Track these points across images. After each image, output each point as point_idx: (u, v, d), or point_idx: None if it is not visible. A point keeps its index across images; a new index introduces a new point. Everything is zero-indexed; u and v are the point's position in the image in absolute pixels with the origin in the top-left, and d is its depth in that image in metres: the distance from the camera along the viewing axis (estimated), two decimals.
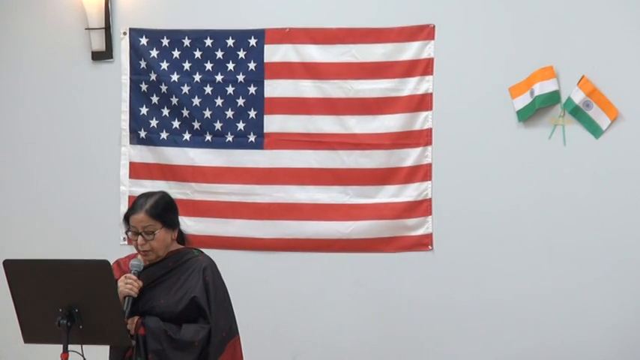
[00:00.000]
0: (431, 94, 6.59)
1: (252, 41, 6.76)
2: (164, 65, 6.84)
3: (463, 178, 6.57)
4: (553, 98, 6.39)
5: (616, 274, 6.36)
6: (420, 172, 6.62)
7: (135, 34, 6.89)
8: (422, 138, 6.62)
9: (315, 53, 6.72)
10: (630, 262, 6.34)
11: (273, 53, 6.76)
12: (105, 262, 4.30)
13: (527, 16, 6.47)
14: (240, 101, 6.78)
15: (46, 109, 7.04)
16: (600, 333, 6.37)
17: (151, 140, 6.88)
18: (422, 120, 6.62)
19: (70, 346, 4.31)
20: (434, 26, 6.59)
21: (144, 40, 6.87)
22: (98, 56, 6.95)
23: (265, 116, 6.77)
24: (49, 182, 7.02)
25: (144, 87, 6.88)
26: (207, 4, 6.87)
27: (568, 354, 6.39)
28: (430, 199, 6.61)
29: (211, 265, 4.70)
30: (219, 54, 6.80)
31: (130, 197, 6.75)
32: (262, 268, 6.77)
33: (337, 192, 6.71)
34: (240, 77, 6.78)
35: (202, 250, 4.85)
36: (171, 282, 4.62)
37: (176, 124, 6.85)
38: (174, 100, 6.83)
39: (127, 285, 4.50)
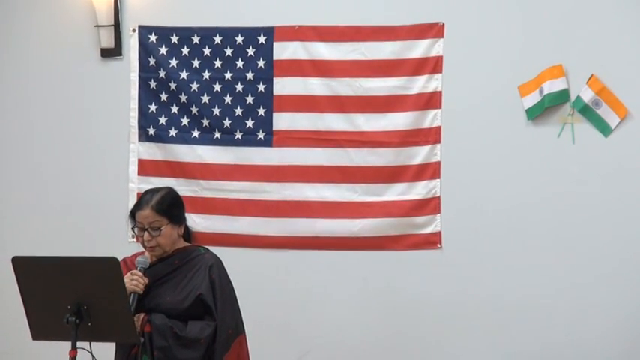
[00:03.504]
0: (440, 92, 6.59)
1: (262, 39, 6.77)
2: (173, 63, 6.84)
3: (472, 177, 6.56)
4: (562, 97, 6.38)
5: (624, 272, 6.36)
6: (429, 170, 6.62)
7: (144, 31, 6.90)
8: (431, 136, 6.61)
9: (324, 51, 6.72)
10: (638, 260, 6.33)
11: (283, 51, 6.76)
12: (113, 259, 4.30)
13: (536, 15, 6.46)
14: (249, 99, 6.79)
15: (55, 107, 7.05)
16: (608, 330, 6.37)
17: (160, 137, 6.89)
18: (431, 118, 6.61)
19: (79, 343, 4.32)
20: (443, 24, 6.59)
21: (153, 38, 6.88)
22: (107, 53, 6.96)
23: (274, 114, 6.77)
24: (57, 179, 7.03)
25: (153, 84, 6.89)
26: (217, 2, 6.88)
27: (576, 350, 6.39)
28: (439, 197, 6.61)
29: (217, 262, 4.70)
30: (229, 51, 6.80)
31: (138, 194, 6.71)
32: (270, 265, 6.77)
33: (346, 190, 6.71)
34: (250, 75, 6.78)
35: (211, 247, 4.85)
36: (177, 279, 4.63)
37: (185, 121, 6.86)
38: (183, 98, 6.83)
39: (133, 281, 4.51)
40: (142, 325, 4.50)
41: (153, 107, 6.90)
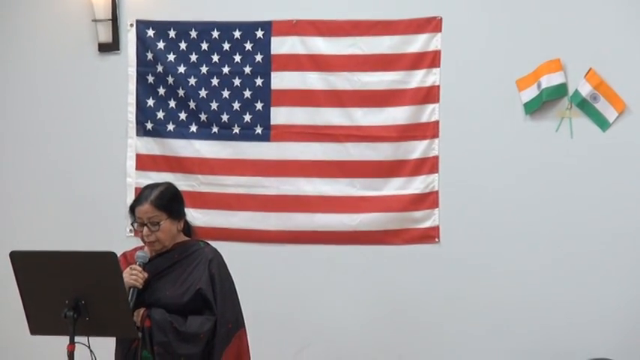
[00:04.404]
0: (438, 86, 6.59)
1: (259, 33, 6.76)
2: (171, 57, 6.84)
3: (470, 171, 6.56)
4: (560, 91, 6.38)
5: (622, 267, 6.36)
6: (427, 165, 6.62)
7: (142, 25, 6.89)
8: (429, 130, 6.61)
9: (322, 45, 6.71)
10: (637, 254, 6.33)
11: (280, 45, 6.76)
12: (111, 254, 4.30)
13: (534, 9, 6.46)
14: (247, 93, 6.78)
15: (53, 101, 7.04)
16: (605, 327, 6.37)
17: (158, 132, 6.88)
18: (429, 112, 6.61)
19: (77, 338, 4.32)
20: (441, 18, 6.59)
21: (151, 32, 6.87)
22: (105, 48, 6.95)
23: (272, 108, 6.77)
24: (55, 174, 7.03)
25: (150, 79, 6.88)
26: None
27: (573, 347, 6.38)
28: (437, 192, 6.61)
29: (217, 256, 4.71)
30: (226, 46, 6.80)
31: (136, 189, 6.74)
32: (268, 260, 6.77)
33: (344, 184, 6.71)
34: (247, 69, 6.77)
35: (209, 242, 4.86)
36: (176, 274, 4.63)
37: (183, 116, 6.85)
38: (181, 92, 6.83)
39: (132, 276, 4.51)
40: (141, 320, 4.51)
41: (150, 102, 6.89)
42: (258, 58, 6.76)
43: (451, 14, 6.57)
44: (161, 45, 6.85)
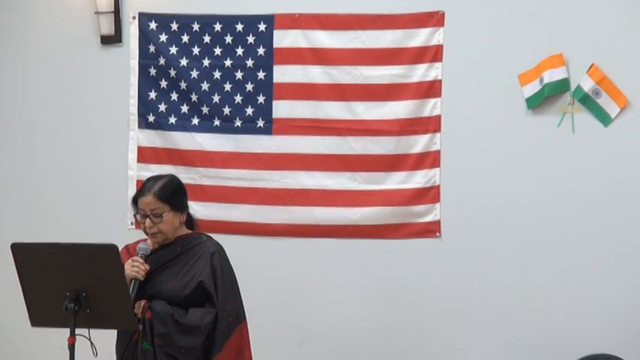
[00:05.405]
0: (440, 80, 6.58)
1: (262, 26, 6.76)
2: (173, 50, 6.83)
3: (471, 166, 6.56)
4: (562, 86, 6.38)
5: (623, 264, 6.36)
6: (429, 159, 6.62)
7: (144, 18, 6.89)
8: (430, 125, 6.61)
9: (324, 39, 6.71)
10: (638, 249, 6.33)
11: (283, 39, 6.75)
12: (112, 246, 4.31)
13: (537, 4, 6.45)
14: (249, 86, 6.78)
15: (55, 93, 7.04)
16: (606, 322, 6.38)
17: (160, 125, 6.88)
18: (431, 107, 6.61)
19: (77, 330, 4.32)
20: (443, 13, 6.58)
21: (153, 25, 6.87)
22: (107, 40, 6.95)
23: (274, 102, 6.76)
24: (57, 166, 7.03)
25: (153, 71, 6.88)
26: None
27: (573, 342, 6.39)
28: (438, 186, 6.61)
29: (219, 250, 4.71)
30: (229, 39, 6.79)
31: (137, 181, 6.75)
32: (269, 253, 6.78)
33: (345, 178, 6.71)
34: (249, 62, 6.77)
35: (210, 235, 4.86)
36: (178, 266, 4.64)
37: (185, 108, 6.85)
38: (183, 85, 6.82)
39: (134, 268, 4.52)
40: (142, 312, 4.52)
41: (152, 94, 6.89)
42: (261, 51, 6.76)
43: (454, 9, 6.56)
44: (163, 38, 6.85)
